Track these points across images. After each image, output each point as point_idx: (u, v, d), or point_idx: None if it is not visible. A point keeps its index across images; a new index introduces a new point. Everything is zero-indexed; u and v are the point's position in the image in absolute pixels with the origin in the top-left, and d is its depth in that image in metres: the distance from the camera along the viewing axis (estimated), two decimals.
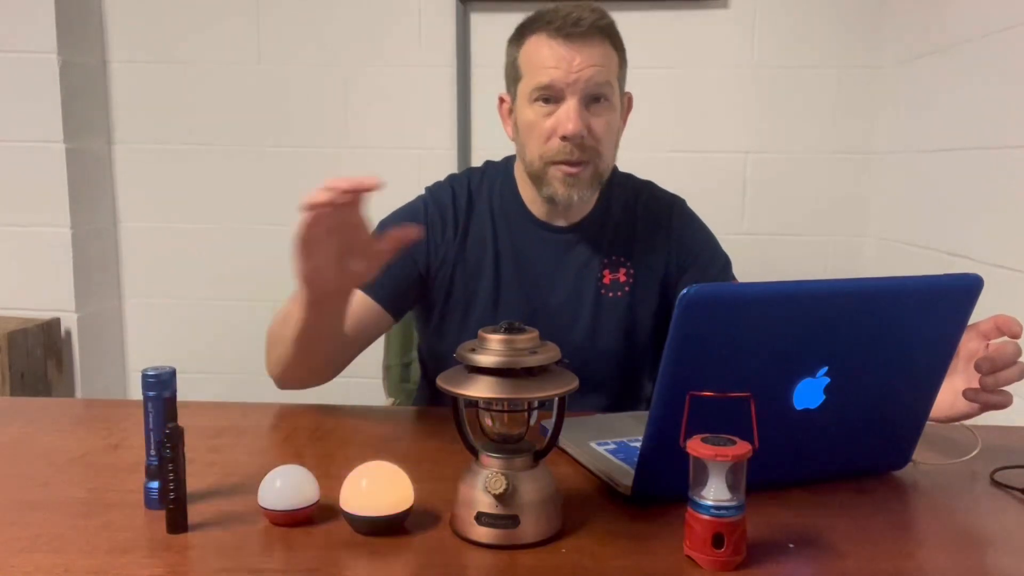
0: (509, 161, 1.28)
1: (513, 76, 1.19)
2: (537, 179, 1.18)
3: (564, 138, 1.12)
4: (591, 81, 1.11)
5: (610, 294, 1.24)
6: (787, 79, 2.16)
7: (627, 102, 1.23)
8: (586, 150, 1.14)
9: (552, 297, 1.23)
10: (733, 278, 1.28)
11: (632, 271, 1.25)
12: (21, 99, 2.10)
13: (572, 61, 1.11)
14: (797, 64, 2.15)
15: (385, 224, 1.25)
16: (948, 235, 1.78)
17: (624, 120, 1.24)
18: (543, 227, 1.24)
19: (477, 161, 1.67)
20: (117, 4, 2.24)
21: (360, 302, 1.18)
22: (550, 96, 1.13)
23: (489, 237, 1.24)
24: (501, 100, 1.25)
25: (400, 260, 1.21)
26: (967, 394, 0.92)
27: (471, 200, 1.25)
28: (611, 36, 1.15)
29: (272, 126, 2.27)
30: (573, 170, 1.14)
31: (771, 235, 2.22)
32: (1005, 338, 0.92)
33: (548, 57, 1.12)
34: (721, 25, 2.15)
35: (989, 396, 0.91)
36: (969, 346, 0.93)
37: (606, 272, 1.24)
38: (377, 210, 1.28)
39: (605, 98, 1.14)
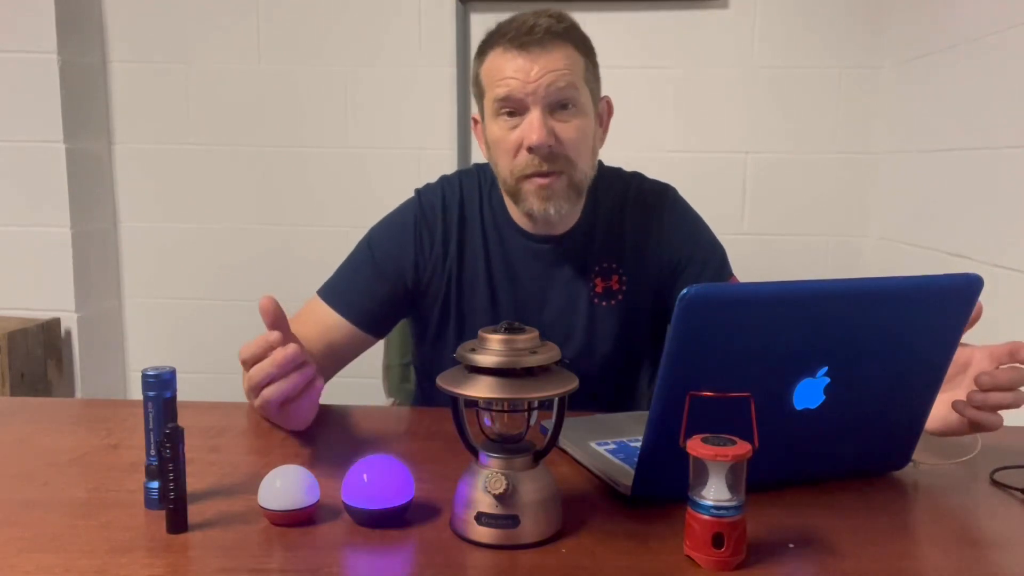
0: None
1: (478, 93, 1.17)
2: (513, 196, 1.15)
3: (530, 149, 1.09)
4: (552, 87, 1.08)
5: (603, 303, 1.22)
6: (787, 79, 2.16)
7: (606, 107, 1.20)
8: (556, 160, 1.10)
9: (545, 309, 1.22)
10: (729, 270, 1.26)
11: (624, 277, 1.23)
12: (21, 99, 2.10)
13: (530, 71, 1.07)
14: (797, 64, 2.16)
15: (375, 235, 1.24)
16: (948, 235, 1.79)
17: (605, 126, 1.21)
18: (532, 239, 1.21)
19: (476, 161, 1.67)
20: (117, 4, 2.25)
21: (337, 326, 1.18)
22: (513, 109, 1.10)
23: (480, 250, 1.22)
24: (475, 121, 1.22)
25: (386, 282, 1.20)
26: (956, 405, 0.91)
27: (462, 208, 1.23)
28: (573, 39, 1.11)
29: (272, 126, 2.27)
30: (545, 181, 1.11)
31: (771, 235, 2.22)
32: (1015, 364, 0.91)
33: (506, 68, 1.09)
34: (721, 25, 2.16)
35: (976, 412, 0.90)
36: (980, 366, 0.92)
37: (598, 280, 1.22)
38: (373, 211, 1.29)
39: (572, 103, 1.10)
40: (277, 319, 0.88)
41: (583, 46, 1.13)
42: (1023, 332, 1.46)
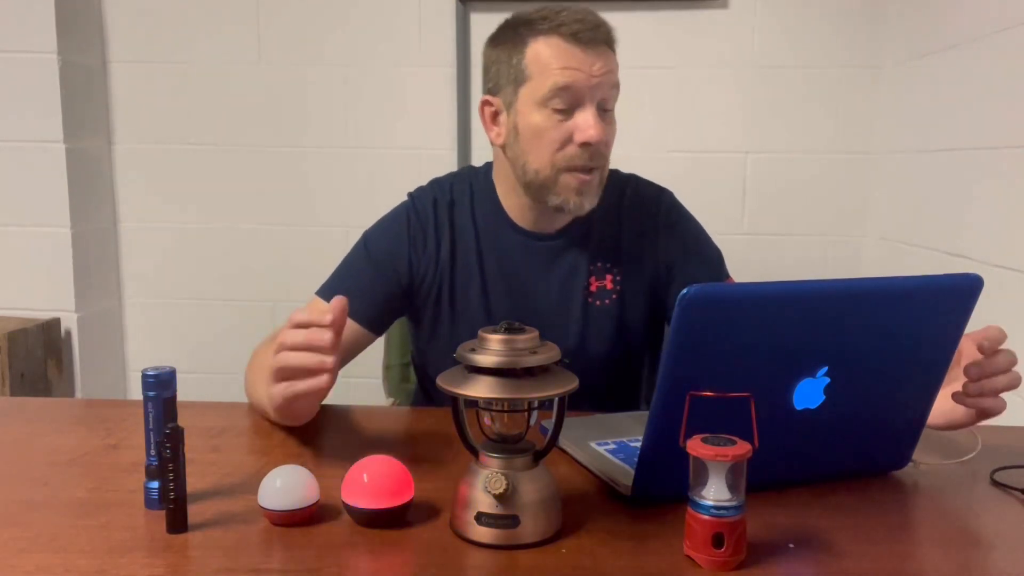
0: (489, 168, 1.26)
1: (514, 78, 1.13)
2: (543, 188, 1.14)
3: (585, 144, 1.10)
4: (608, 87, 1.11)
5: (597, 302, 1.23)
6: (787, 79, 2.16)
7: None
8: (601, 157, 1.13)
9: (540, 307, 1.22)
10: (726, 272, 1.27)
11: (619, 277, 1.23)
12: (21, 99, 2.10)
13: (592, 66, 1.09)
14: (797, 64, 2.15)
15: (369, 239, 1.25)
16: (948, 235, 1.79)
17: None
18: (527, 235, 1.22)
19: (477, 161, 1.67)
20: (117, 4, 2.24)
21: None
22: (566, 100, 1.09)
23: (473, 248, 1.22)
24: (486, 103, 1.18)
25: (382, 278, 1.21)
26: (955, 396, 0.91)
27: (452, 210, 1.23)
28: (613, 45, 1.14)
29: (272, 126, 2.27)
30: (587, 177, 1.13)
31: (771, 235, 2.22)
32: (1002, 348, 0.91)
33: (568, 60, 1.08)
34: (721, 25, 2.16)
35: (977, 400, 0.90)
36: (970, 355, 0.92)
37: (592, 279, 1.22)
38: (373, 211, 1.29)
39: (614, 103, 1.14)
40: (339, 324, 0.84)
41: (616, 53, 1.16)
42: (1023, 332, 1.46)
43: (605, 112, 1.13)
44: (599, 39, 1.10)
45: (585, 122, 1.09)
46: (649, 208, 1.26)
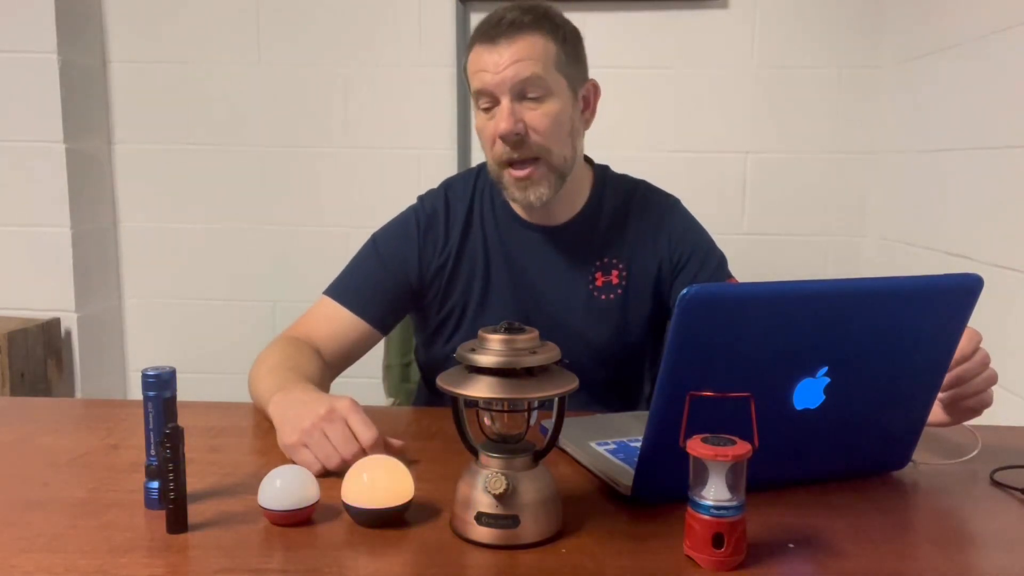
0: None
1: (468, 88, 1.21)
2: (498, 183, 1.19)
3: (502, 138, 1.12)
4: (516, 77, 1.11)
5: (602, 296, 1.24)
6: (787, 79, 2.16)
7: (591, 89, 1.21)
8: (528, 147, 1.13)
9: (543, 299, 1.23)
10: (729, 275, 1.27)
11: (625, 273, 1.24)
12: (21, 99, 2.10)
13: (497, 62, 1.11)
14: (797, 64, 2.15)
15: (379, 240, 1.26)
16: (948, 235, 1.78)
17: (592, 108, 1.22)
18: (531, 228, 1.24)
19: (477, 161, 1.67)
20: (117, 4, 2.24)
21: (349, 323, 1.20)
22: (487, 100, 1.14)
23: (480, 243, 1.24)
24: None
25: (391, 278, 1.22)
26: (942, 400, 0.92)
27: (462, 207, 1.25)
28: (542, 28, 1.13)
29: (272, 126, 2.27)
30: (522, 173, 1.14)
31: (771, 235, 2.22)
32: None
33: (478, 63, 1.14)
34: (721, 25, 2.15)
35: (958, 403, 0.92)
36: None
37: (598, 275, 1.24)
38: (373, 211, 1.29)
39: (540, 90, 1.12)
40: (376, 450, 0.89)
41: (555, 33, 1.14)
42: (1023, 332, 1.46)
43: (529, 100, 1.12)
44: (502, 33, 1.11)
45: (499, 115, 1.12)
46: (656, 211, 1.28)
